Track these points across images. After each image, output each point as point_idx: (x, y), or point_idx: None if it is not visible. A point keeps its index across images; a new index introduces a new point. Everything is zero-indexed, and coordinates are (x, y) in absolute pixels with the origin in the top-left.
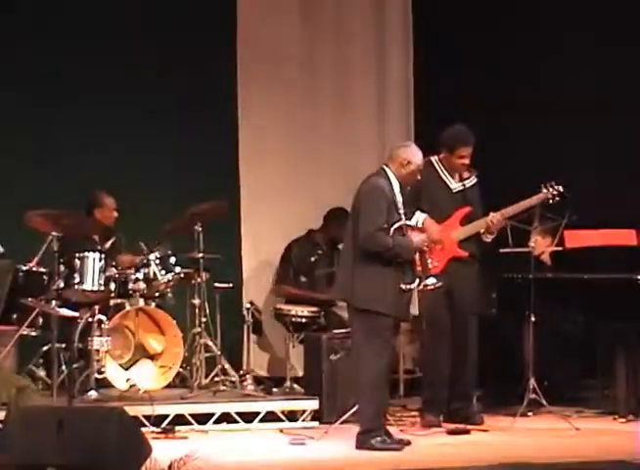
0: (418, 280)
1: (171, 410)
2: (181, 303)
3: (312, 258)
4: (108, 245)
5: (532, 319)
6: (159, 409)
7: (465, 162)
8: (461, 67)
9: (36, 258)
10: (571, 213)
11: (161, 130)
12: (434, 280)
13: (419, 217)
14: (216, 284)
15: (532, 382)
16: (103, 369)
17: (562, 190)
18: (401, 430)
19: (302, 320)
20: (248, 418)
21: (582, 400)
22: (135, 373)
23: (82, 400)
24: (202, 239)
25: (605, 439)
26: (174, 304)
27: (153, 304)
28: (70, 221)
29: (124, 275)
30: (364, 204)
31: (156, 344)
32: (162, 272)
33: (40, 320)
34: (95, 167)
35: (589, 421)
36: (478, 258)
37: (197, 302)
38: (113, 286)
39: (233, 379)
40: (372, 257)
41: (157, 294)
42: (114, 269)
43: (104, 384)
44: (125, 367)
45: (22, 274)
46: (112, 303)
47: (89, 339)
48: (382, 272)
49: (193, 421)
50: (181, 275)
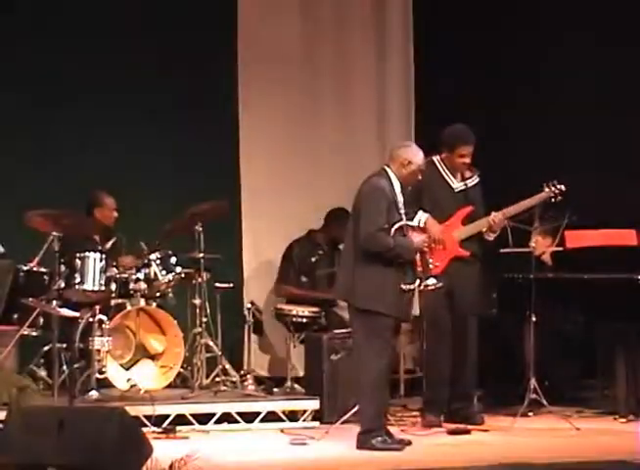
0: (418, 280)
1: (172, 410)
2: (182, 303)
3: (313, 259)
4: (108, 245)
5: (533, 319)
6: (159, 409)
7: (466, 161)
8: (461, 67)
9: (37, 259)
10: (572, 214)
11: (162, 130)
12: (434, 280)
13: (421, 217)
14: (217, 284)
15: (533, 382)
16: (104, 369)
17: (564, 189)
18: (402, 430)
19: (303, 320)
20: (248, 418)
21: (582, 400)
22: (136, 373)
23: (83, 400)
24: (202, 239)
25: (605, 439)
26: (175, 304)
27: (154, 304)
28: (71, 221)
29: (125, 275)
30: (365, 204)
31: (156, 344)
32: (163, 272)
33: (41, 320)
34: (95, 167)
35: (589, 421)
36: (479, 257)
37: (197, 302)
38: (113, 286)
39: (234, 379)
40: (372, 257)
41: (157, 294)
42: (114, 269)
43: (105, 384)
44: (126, 367)
45: (22, 274)
46: (112, 303)
47: (90, 339)
48: (382, 272)
49: (194, 421)
50: (182, 275)
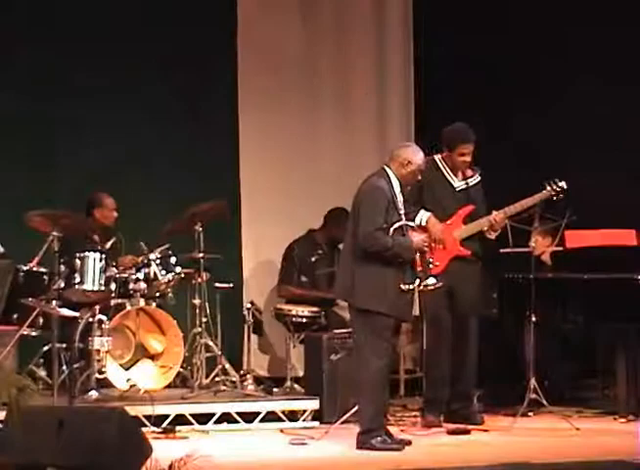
0: (418, 280)
1: (172, 410)
2: (182, 303)
3: (313, 258)
4: (108, 245)
5: (533, 319)
6: (159, 409)
7: (466, 159)
8: (461, 66)
9: (37, 259)
10: (571, 213)
11: (161, 131)
12: (434, 280)
13: (423, 216)
14: (217, 284)
15: (533, 382)
16: (103, 369)
17: (565, 187)
18: (402, 430)
19: (303, 320)
20: (248, 418)
21: (583, 400)
22: (136, 373)
23: (83, 401)
24: (202, 239)
25: (605, 439)
26: (175, 304)
27: (153, 304)
28: (70, 221)
29: (125, 275)
30: (364, 204)
31: (156, 344)
32: (163, 272)
33: (41, 320)
34: (95, 167)
35: (589, 421)
36: (480, 256)
37: (197, 302)
38: (113, 286)
39: (233, 379)
40: (372, 257)
41: (157, 294)
42: (114, 269)
43: (104, 384)
44: (126, 367)
45: (22, 274)
46: (112, 303)
47: (90, 339)
48: (382, 272)
49: (193, 421)
50: (182, 275)
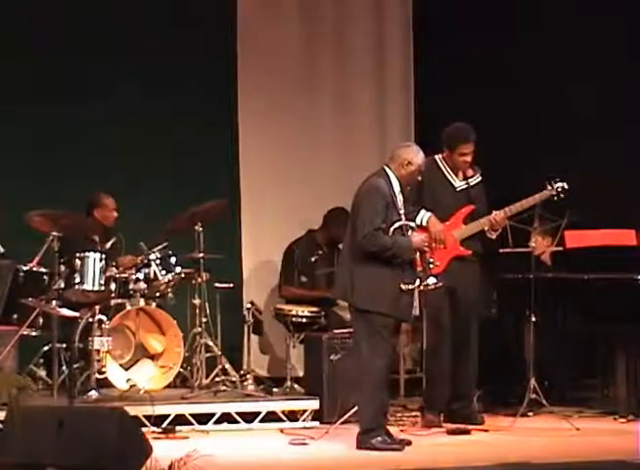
0: (418, 280)
1: (172, 410)
2: (182, 303)
3: (312, 259)
4: (108, 245)
5: (533, 319)
6: (159, 409)
7: (467, 159)
8: (461, 66)
9: (37, 259)
10: (571, 214)
11: (162, 130)
12: (434, 280)
13: (423, 216)
14: (217, 284)
15: (533, 382)
16: (103, 369)
17: (566, 187)
18: (402, 430)
19: (303, 320)
20: (248, 418)
21: (583, 400)
22: (136, 373)
23: (83, 401)
24: (202, 239)
25: (605, 439)
26: (175, 304)
27: (153, 304)
28: (70, 221)
29: (125, 275)
30: (363, 204)
31: (156, 344)
32: (163, 272)
33: (41, 320)
34: (95, 167)
35: (589, 421)
36: (481, 256)
37: (197, 302)
38: (113, 286)
39: (233, 379)
40: (371, 257)
41: (157, 294)
42: (114, 269)
43: (104, 384)
44: (126, 367)
45: (22, 274)
46: (112, 303)
47: (90, 339)
48: (381, 272)
49: (193, 421)
50: (182, 275)
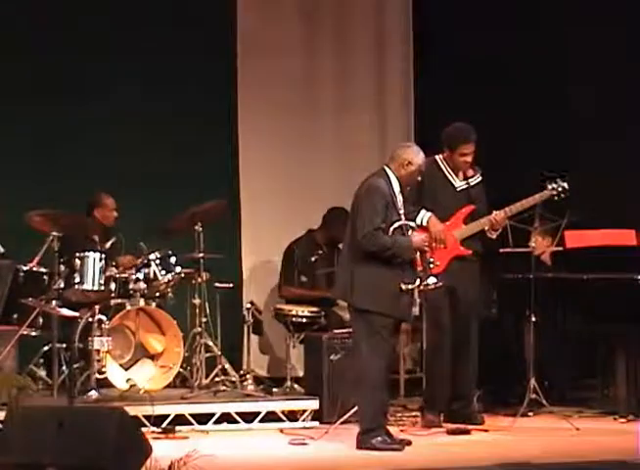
0: (419, 280)
1: (172, 410)
2: (181, 303)
3: (312, 258)
4: (108, 245)
5: (533, 319)
6: (159, 409)
7: (467, 159)
8: (461, 66)
9: (37, 259)
10: (572, 214)
11: (162, 130)
12: (434, 279)
13: (423, 216)
14: (217, 284)
15: (533, 382)
16: (103, 369)
17: (566, 187)
18: (402, 430)
19: (303, 320)
20: (248, 418)
21: (582, 400)
22: (135, 373)
23: (83, 400)
24: (202, 239)
25: (605, 439)
26: (175, 304)
27: (153, 304)
28: (70, 221)
29: (125, 275)
30: (363, 204)
31: (156, 344)
32: (163, 272)
33: (41, 320)
34: (95, 167)
35: (589, 421)
36: (481, 256)
37: (197, 302)
38: (113, 286)
39: (233, 379)
40: (370, 256)
41: (157, 294)
42: (114, 269)
43: (104, 384)
44: (126, 367)
45: (22, 274)
46: (112, 303)
47: (89, 339)
48: (381, 272)
49: (193, 421)
50: (181, 275)
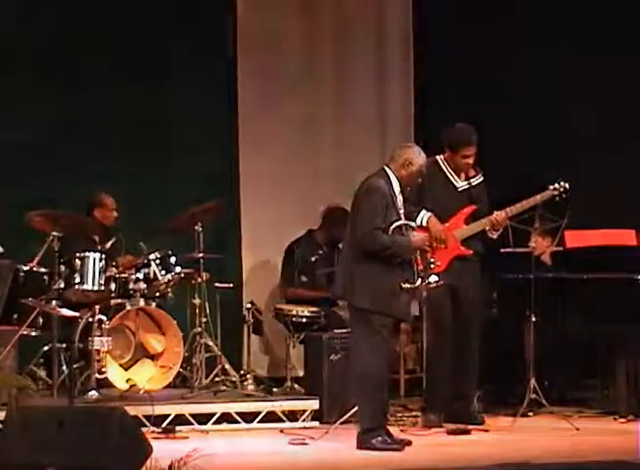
0: (420, 279)
1: (172, 410)
2: (181, 303)
3: (313, 258)
4: (108, 245)
5: (533, 319)
6: (159, 409)
7: (469, 161)
8: (461, 66)
9: (37, 259)
10: (572, 214)
11: (162, 130)
12: (435, 278)
13: (424, 216)
14: (217, 284)
15: (533, 382)
16: (103, 369)
17: (568, 187)
18: (402, 430)
19: (303, 320)
20: (248, 418)
21: (583, 400)
22: (136, 373)
23: (83, 401)
24: (202, 239)
25: (605, 439)
26: (175, 304)
27: (153, 304)
28: (70, 221)
29: (125, 275)
30: (363, 204)
31: (156, 344)
32: (163, 272)
33: (41, 320)
34: (95, 167)
35: (589, 421)
36: (482, 256)
37: (197, 302)
38: (113, 286)
39: (233, 379)
40: (370, 256)
41: (157, 294)
42: (114, 269)
43: (104, 384)
44: (126, 367)
45: (22, 274)
46: (112, 303)
47: (90, 339)
48: (381, 272)
49: (193, 421)
50: (181, 275)
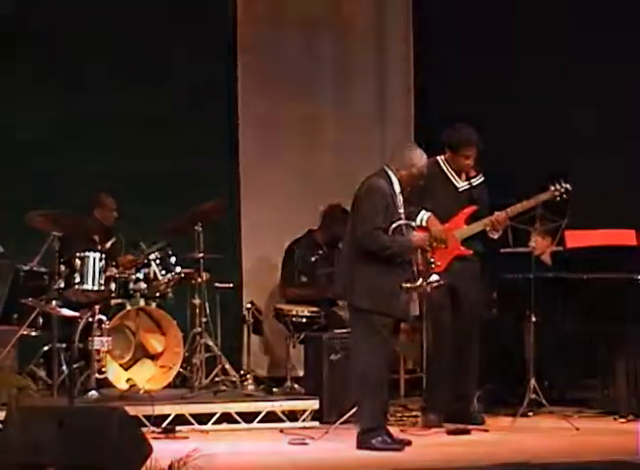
0: (421, 279)
1: (172, 410)
2: (182, 303)
3: (313, 258)
4: (108, 245)
5: (533, 319)
6: (159, 409)
7: (469, 162)
8: (461, 66)
9: (37, 258)
10: (572, 214)
11: (162, 130)
12: (436, 277)
13: (423, 216)
14: (217, 284)
15: (533, 382)
16: (103, 369)
17: (569, 188)
18: (402, 430)
19: (303, 320)
20: (248, 418)
21: (582, 400)
22: (136, 373)
23: (83, 400)
24: (202, 239)
25: (605, 439)
26: (175, 304)
27: (153, 304)
28: (70, 221)
29: (125, 275)
30: (363, 203)
31: (156, 344)
32: (163, 272)
33: (41, 320)
34: (95, 167)
35: (589, 421)
36: (482, 256)
37: (197, 302)
38: (113, 286)
39: (233, 379)
40: (370, 256)
41: (157, 294)
42: (114, 269)
43: (104, 384)
44: (126, 367)
45: (22, 274)
46: (112, 302)
47: (90, 339)
48: (381, 271)
49: (193, 421)
50: (182, 275)
